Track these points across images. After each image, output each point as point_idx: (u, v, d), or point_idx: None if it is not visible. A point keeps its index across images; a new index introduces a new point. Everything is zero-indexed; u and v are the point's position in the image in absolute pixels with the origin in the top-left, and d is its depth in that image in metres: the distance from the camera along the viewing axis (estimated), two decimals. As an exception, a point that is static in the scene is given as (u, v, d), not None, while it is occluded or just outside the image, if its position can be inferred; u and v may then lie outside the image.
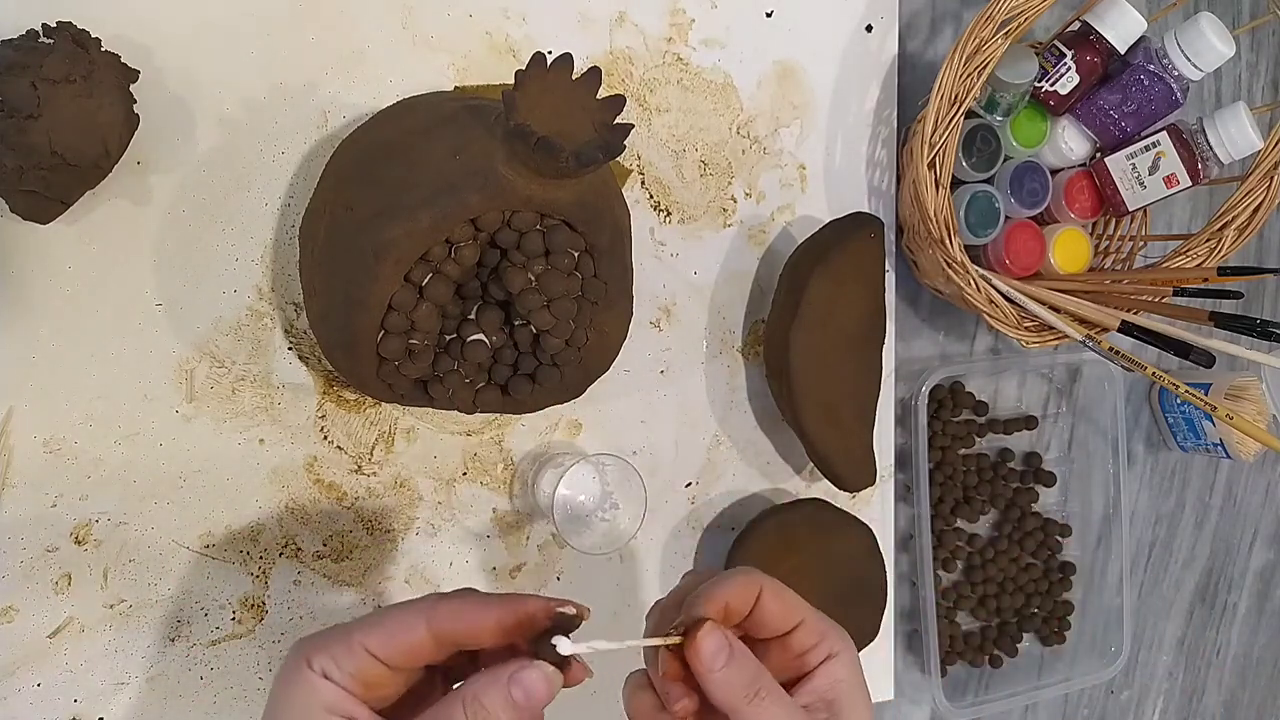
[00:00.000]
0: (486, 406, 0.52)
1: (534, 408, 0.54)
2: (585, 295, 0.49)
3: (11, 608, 0.49)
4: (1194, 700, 0.92)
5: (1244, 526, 0.92)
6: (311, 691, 0.35)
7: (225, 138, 0.52)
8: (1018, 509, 0.78)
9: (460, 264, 0.46)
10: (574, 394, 0.54)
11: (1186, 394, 0.63)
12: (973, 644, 0.77)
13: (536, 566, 0.61)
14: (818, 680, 0.38)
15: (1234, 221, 0.66)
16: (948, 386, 0.75)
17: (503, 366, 0.52)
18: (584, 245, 0.48)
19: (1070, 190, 0.71)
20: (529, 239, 0.46)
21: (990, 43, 0.59)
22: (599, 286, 0.49)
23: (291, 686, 0.35)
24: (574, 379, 0.53)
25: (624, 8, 0.61)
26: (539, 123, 0.42)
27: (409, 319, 0.47)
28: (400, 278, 0.45)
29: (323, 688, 0.35)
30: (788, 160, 0.67)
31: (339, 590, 0.56)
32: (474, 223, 0.45)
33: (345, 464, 0.56)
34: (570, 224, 0.46)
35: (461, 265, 0.47)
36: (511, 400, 0.52)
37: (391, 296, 0.46)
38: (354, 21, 0.55)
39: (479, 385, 0.52)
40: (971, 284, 0.63)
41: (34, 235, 0.49)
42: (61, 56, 0.44)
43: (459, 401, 0.51)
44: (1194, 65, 0.65)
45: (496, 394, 0.52)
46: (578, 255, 0.48)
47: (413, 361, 0.48)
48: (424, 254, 0.45)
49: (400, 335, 0.47)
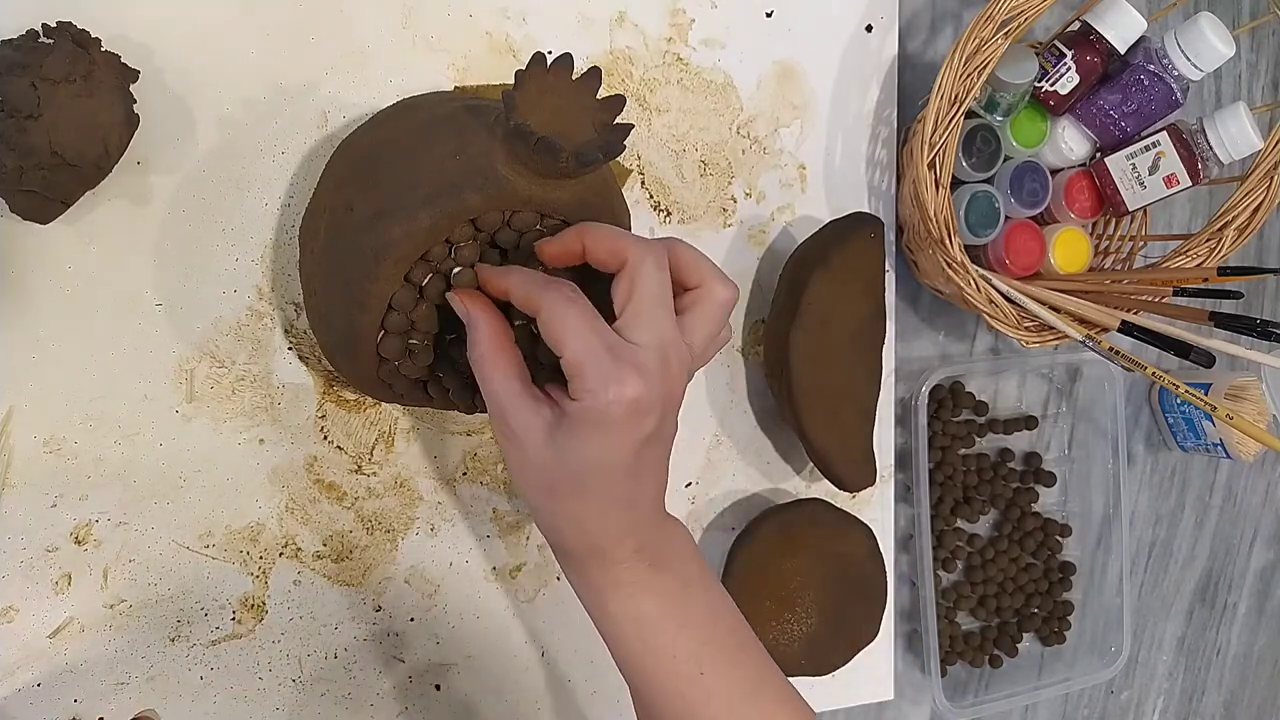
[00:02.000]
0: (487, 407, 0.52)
1: None
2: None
3: (11, 608, 0.49)
4: (1194, 700, 0.92)
5: (1244, 526, 0.92)
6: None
7: (225, 138, 0.52)
8: (1018, 509, 0.78)
9: (460, 264, 0.46)
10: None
11: (1186, 394, 0.63)
12: (973, 644, 0.77)
13: (536, 566, 0.61)
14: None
15: (1234, 221, 0.66)
16: (948, 386, 0.75)
17: None
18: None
19: (1070, 190, 0.71)
20: (529, 239, 0.46)
21: (990, 43, 0.59)
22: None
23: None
24: None
25: (624, 8, 0.61)
26: (539, 123, 0.42)
27: (409, 319, 0.47)
28: (400, 278, 0.45)
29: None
30: (788, 160, 0.67)
31: (339, 590, 0.56)
32: (474, 223, 0.45)
33: (345, 464, 0.56)
34: (570, 224, 0.46)
35: (462, 265, 0.47)
36: None
37: (391, 297, 0.46)
38: (354, 21, 0.55)
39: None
40: (971, 284, 0.63)
41: (34, 235, 0.49)
42: (61, 56, 0.44)
43: (459, 402, 0.51)
44: (1194, 65, 0.65)
45: None
46: None
47: (413, 361, 0.48)
48: (424, 254, 0.45)
49: (400, 335, 0.47)
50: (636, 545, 0.44)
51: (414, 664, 0.58)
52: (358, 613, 0.57)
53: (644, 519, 0.44)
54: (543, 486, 0.43)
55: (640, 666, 0.45)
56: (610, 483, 0.42)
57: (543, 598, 0.61)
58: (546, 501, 0.43)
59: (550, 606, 0.62)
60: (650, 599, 0.45)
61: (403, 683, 0.58)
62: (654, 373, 0.40)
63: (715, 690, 0.45)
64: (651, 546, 0.45)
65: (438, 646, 0.59)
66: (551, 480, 0.42)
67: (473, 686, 0.60)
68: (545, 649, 0.62)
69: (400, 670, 0.58)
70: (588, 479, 0.41)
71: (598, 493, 0.42)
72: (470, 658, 0.60)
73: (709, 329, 0.45)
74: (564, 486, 0.42)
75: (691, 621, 0.45)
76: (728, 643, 0.46)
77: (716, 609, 0.47)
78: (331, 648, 0.56)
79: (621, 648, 0.46)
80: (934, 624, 0.72)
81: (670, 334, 0.42)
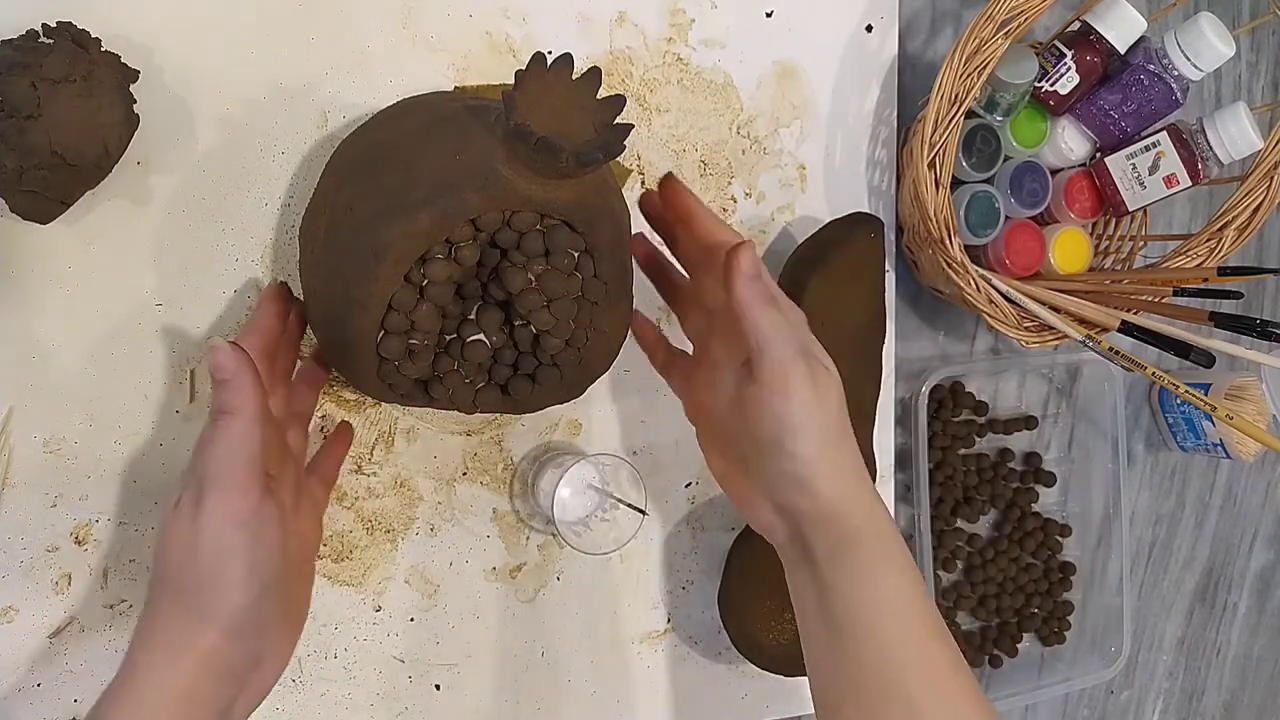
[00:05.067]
0: (486, 406, 0.52)
1: (534, 408, 0.54)
2: (585, 295, 0.49)
3: (11, 608, 0.49)
4: (1194, 700, 0.92)
5: (1244, 526, 0.92)
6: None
7: (225, 138, 0.52)
8: (1018, 509, 0.78)
9: (460, 264, 0.46)
10: (574, 394, 0.54)
11: (1186, 394, 0.63)
12: (973, 644, 0.77)
13: (536, 566, 0.61)
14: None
15: (1234, 221, 0.66)
16: (948, 386, 0.75)
17: (503, 367, 0.52)
18: (584, 245, 0.48)
19: (1070, 190, 0.71)
20: (529, 239, 0.46)
21: (990, 43, 0.59)
22: (599, 287, 0.49)
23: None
24: (574, 379, 0.53)
25: (624, 8, 0.61)
26: (539, 123, 0.42)
27: (409, 319, 0.47)
28: (400, 278, 0.45)
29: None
30: (788, 160, 0.67)
31: (339, 590, 0.56)
32: (474, 223, 0.45)
33: (345, 464, 0.56)
34: (570, 224, 0.46)
35: (462, 265, 0.47)
36: (511, 400, 0.52)
37: (391, 297, 0.46)
38: (354, 21, 0.55)
39: (479, 385, 0.52)
40: (971, 284, 0.63)
41: (34, 235, 0.49)
42: (61, 56, 0.44)
43: (459, 401, 0.51)
44: (1194, 65, 0.65)
45: (496, 394, 0.52)
46: (578, 255, 0.48)
47: (413, 361, 0.48)
48: (424, 254, 0.45)
49: (400, 335, 0.47)
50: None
51: (414, 664, 0.58)
52: (358, 613, 0.57)
53: None
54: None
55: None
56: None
57: (543, 598, 0.61)
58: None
59: (550, 606, 0.62)
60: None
61: (403, 683, 0.58)
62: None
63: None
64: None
65: (438, 646, 0.59)
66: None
67: (473, 686, 0.60)
68: (545, 649, 0.62)
69: (400, 670, 0.58)
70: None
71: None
72: (470, 658, 0.60)
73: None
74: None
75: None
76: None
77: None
78: (331, 648, 0.56)
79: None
80: (934, 624, 0.72)
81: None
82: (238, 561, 0.40)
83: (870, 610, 0.42)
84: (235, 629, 0.40)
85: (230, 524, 0.40)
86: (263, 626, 0.42)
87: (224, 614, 0.40)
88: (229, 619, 0.40)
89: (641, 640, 0.65)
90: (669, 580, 0.65)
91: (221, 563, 0.40)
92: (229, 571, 0.40)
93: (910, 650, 0.42)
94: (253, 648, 0.41)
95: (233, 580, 0.40)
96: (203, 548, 0.40)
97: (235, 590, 0.40)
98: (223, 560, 0.40)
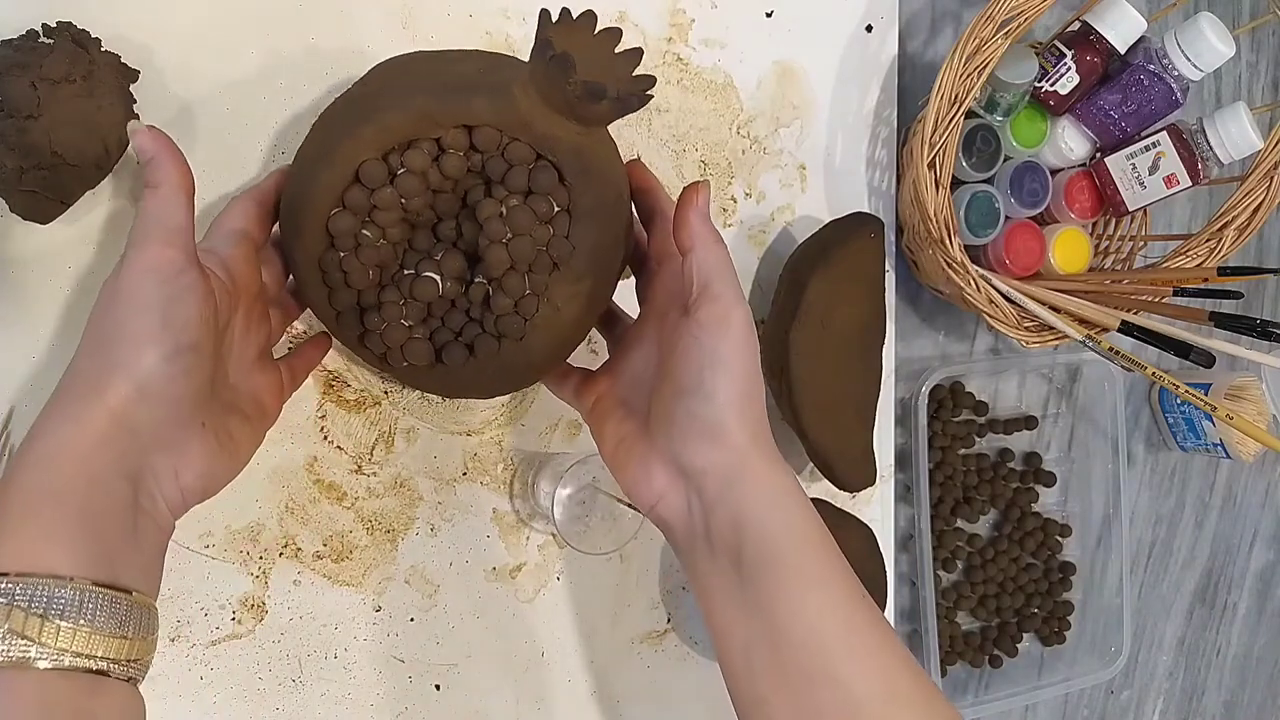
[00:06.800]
0: (412, 357, 0.49)
1: (455, 392, 0.51)
2: (549, 250, 0.47)
3: (11, 608, 0.49)
4: (1194, 700, 0.92)
5: (1244, 527, 0.92)
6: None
7: (225, 137, 0.52)
8: (1018, 509, 0.78)
9: (442, 172, 0.45)
10: (504, 387, 0.52)
11: (1186, 394, 0.63)
12: (973, 644, 0.77)
13: (536, 566, 0.61)
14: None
15: (1234, 221, 0.66)
16: (948, 386, 0.75)
17: (445, 330, 0.49)
18: (566, 202, 0.46)
19: (1070, 190, 0.71)
20: (515, 173, 0.45)
21: (990, 43, 0.59)
22: (566, 247, 0.46)
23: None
24: (512, 362, 0.49)
25: (624, 8, 0.61)
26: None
27: (369, 202, 0.45)
28: (377, 150, 0.44)
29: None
30: (788, 160, 0.67)
31: (339, 590, 0.56)
32: (471, 138, 0.44)
33: (345, 464, 0.56)
34: (560, 171, 0.45)
35: (443, 173, 0.45)
36: (439, 373, 0.50)
37: (360, 165, 0.44)
38: (354, 21, 0.55)
39: (416, 334, 0.49)
40: (971, 284, 0.63)
41: (34, 235, 0.49)
42: (61, 56, 0.44)
43: (389, 339, 0.48)
44: (1194, 65, 0.65)
45: (428, 350, 0.49)
46: (556, 210, 0.46)
47: (359, 258, 0.46)
48: (411, 142, 0.44)
49: (355, 217, 0.45)
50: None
51: (414, 664, 0.58)
52: (358, 613, 0.57)
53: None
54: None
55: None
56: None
57: (543, 598, 0.62)
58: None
59: (550, 606, 0.62)
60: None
61: (403, 683, 0.58)
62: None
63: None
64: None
65: (438, 646, 0.59)
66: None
67: (473, 686, 0.60)
68: (545, 649, 0.62)
69: (400, 670, 0.58)
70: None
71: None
72: (470, 658, 0.60)
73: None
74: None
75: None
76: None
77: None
78: (331, 648, 0.56)
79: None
80: (934, 624, 0.72)
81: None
82: (152, 314, 0.39)
83: (790, 586, 0.41)
84: (143, 387, 0.39)
85: (149, 277, 0.39)
86: (176, 400, 0.40)
87: (133, 367, 0.39)
88: (138, 375, 0.39)
89: (641, 640, 0.65)
90: (669, 580, 0.65)
91: (134, 312, 0.39)
92: (141, 320, 0.39)
93: (836, 626, 0.41)
94: (161, 416, 0.40)
95: (143, 332, 0.39)
96: (119, 294, 0.39)
97: (146, 344, 0.39)
98: (135, 310, 0.39)
